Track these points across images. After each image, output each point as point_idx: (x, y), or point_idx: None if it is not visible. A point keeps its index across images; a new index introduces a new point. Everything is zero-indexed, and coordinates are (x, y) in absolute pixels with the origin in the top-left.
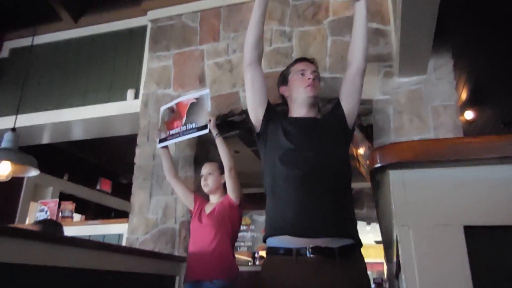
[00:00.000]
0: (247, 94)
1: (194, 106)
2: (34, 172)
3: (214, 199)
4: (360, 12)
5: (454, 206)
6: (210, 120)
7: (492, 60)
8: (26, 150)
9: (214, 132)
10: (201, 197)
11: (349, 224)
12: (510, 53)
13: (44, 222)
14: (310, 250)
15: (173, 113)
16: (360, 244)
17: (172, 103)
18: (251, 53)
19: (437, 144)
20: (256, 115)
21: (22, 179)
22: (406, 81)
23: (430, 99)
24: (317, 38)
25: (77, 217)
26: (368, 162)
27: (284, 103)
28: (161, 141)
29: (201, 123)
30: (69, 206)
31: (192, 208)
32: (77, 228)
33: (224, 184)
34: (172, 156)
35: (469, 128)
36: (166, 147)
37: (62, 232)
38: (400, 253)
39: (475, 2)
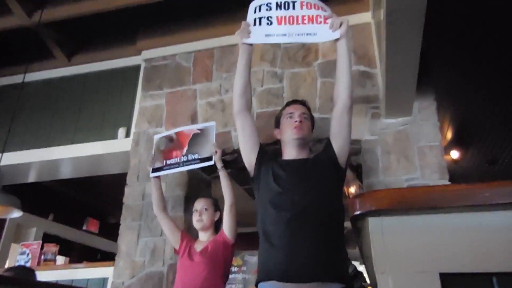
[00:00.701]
0: (239, 140)
1: (197, 137)
2: (16, 214)
3: (204, 237)
4: (341, 50)
5: (430, 253)
6: (216, 152)
7: (475, 100)
8: (10, 188)
9: (219, 164)
10: (189, 235)
11: (338, 268)
12: (492, 94)
13: (16, 269)
14: None
15: (172, 142)
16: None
17: (170, 132)
18: (238, 101)
19: (412, 192)
20: (249, 160)
21: (3, 219)
22: (393, 122)
23: (416, 140)
24: (307, 79)
25: (60, 259)
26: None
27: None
28: (155, 170)
29: (205, 154)
30: (52, 248)
31: (177, 247)
32: (59, 272)
33: (217, 222)
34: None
35: (455, 168)
36: (158, 177)
37: (35, 279)
38: None
39: (456, 45)
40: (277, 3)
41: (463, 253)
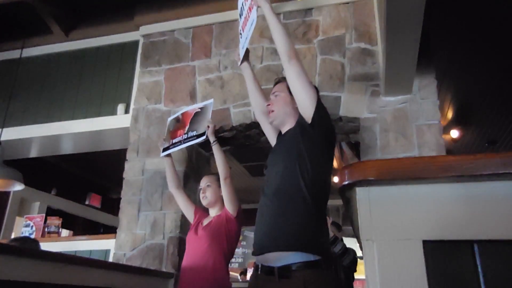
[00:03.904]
0: None
1: (198, 115)
2: (18, 187)
3: (213, 212)
4: (265, 14)
5: (413, 221)
6: (208, 127)
7: (476, 81)
8: (13, 163)
9: (212, 139)
10: (202, 210)
11: (301, 238)
12: (494, 73)
13: (21, 240)
14: (260, 267)
15: (178, 122)
16: (323, 259)
17: (178, 113)
18: (254, 107)
19: (398, 163)
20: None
21: (8, 193)
22: (392, 100)
23: (415, 118)
24: (307, 56)
25: (64, 232)
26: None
27: None
28: (164, 150)
29: (201, 130)
30: (55, 221)
31: (192, 222)
32: (63, 243)
33: None
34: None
35: (455, 147)
36: (169, 156)
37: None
38: (365, 266)
39: (458, 24)
40: (239, 15)
41: (446, 222)
